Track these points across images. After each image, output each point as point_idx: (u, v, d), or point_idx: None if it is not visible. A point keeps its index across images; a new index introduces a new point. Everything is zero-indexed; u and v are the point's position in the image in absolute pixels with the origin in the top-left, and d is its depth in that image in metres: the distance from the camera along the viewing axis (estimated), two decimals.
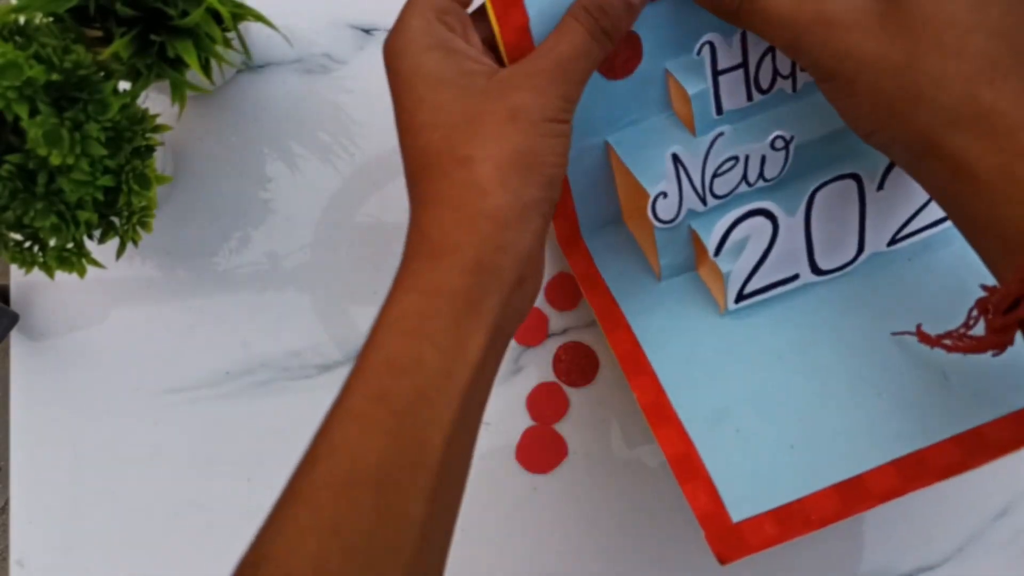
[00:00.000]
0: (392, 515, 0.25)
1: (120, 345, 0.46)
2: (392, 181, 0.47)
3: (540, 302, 0.45)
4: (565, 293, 0.45)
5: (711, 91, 0.35)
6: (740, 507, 0.32)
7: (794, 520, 0.32)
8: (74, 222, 0.36)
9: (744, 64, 0.34)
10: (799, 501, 0.32)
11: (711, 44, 0.33)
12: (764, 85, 0.35)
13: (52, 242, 0.37)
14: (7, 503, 0.47)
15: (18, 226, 0.36)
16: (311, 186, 0.47)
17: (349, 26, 0.49)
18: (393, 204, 0.47)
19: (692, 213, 0.37)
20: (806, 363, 0.36)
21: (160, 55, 0.38)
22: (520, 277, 0.28)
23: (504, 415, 0.44)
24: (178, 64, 0.39)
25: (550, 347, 0.45)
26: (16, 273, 0.46)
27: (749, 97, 0.35)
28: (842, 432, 0.34)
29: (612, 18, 0.30)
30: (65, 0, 0.36)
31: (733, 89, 0.35)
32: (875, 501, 0.32)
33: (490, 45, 0.32)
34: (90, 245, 0.39)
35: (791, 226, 0.35)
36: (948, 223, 0.38)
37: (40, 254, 0.38)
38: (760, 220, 0.35)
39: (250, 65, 0.48)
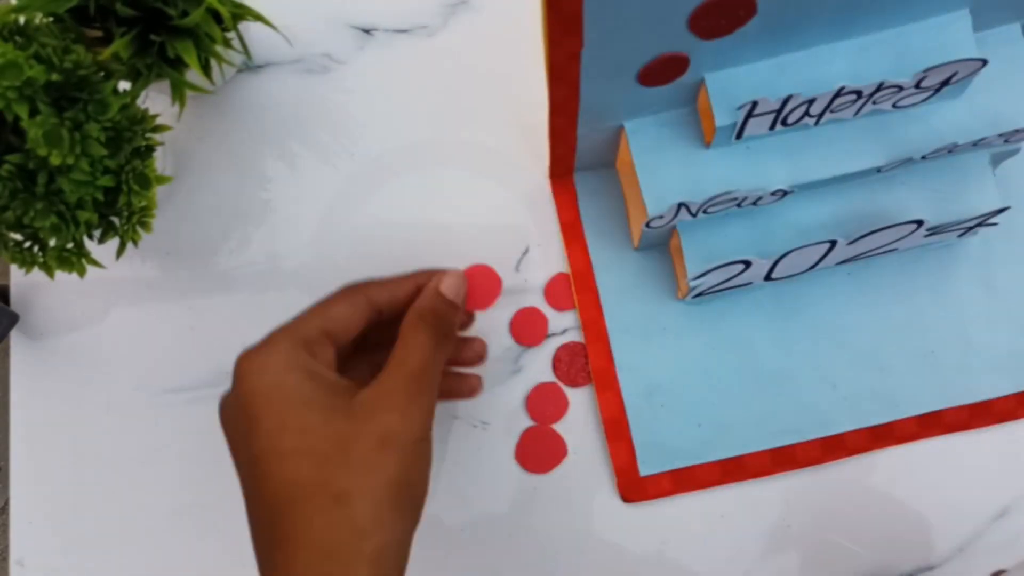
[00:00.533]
0: None
1: (120, 345, 0.46)
2: (392, 181, 0.47)
3: (540, 302, 0.45)
4: (565, 293, 0.45)
5: (738, 125, 0.35)
6: (648, 465, 0.42)
7: (685, 481, 0.42)
8: (74, 222, 0.36)
9: (778, 111, 0.35)
10: (691, 468, 0.42)
11: (753, 102, 0.34)
12: (790, 122, 0.36)
13: (52, 242, 0.37)
14: (7, 503, 0.47)
15: (18, 226, 0.36)
16: (311, 186, 0.47)
17: (349, 26, 0.49)
18: (393, 204, 0.47)
19: (681, 222, 0.39)
20: (731, 358, 0.43)
21: (160, 55, 0.38)
22: None
23: (504, 415, 0.44)
24: (178, 64, 0.39)
25: (550, 347, 0.45)
26: (16, 273, 0.46)
27: (771, 128, 0.36)
28: (740, 420, 0.43)
29: (445, 322, 0.31)
30: (65, 0, 0.36)
31: (759, 124, 0.36)
32: (747, 476, 0.42)
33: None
34: (90, 245, 0.39)
35: (760, 265, 0.39)
36: (892, 247, 0.41)
37: (40, 254, 0.38)
38: (738, 266, 0.39)
39: (250, 65, 0.48)
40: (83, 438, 0.45)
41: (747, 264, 0.38)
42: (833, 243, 0.38)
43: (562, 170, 0.45)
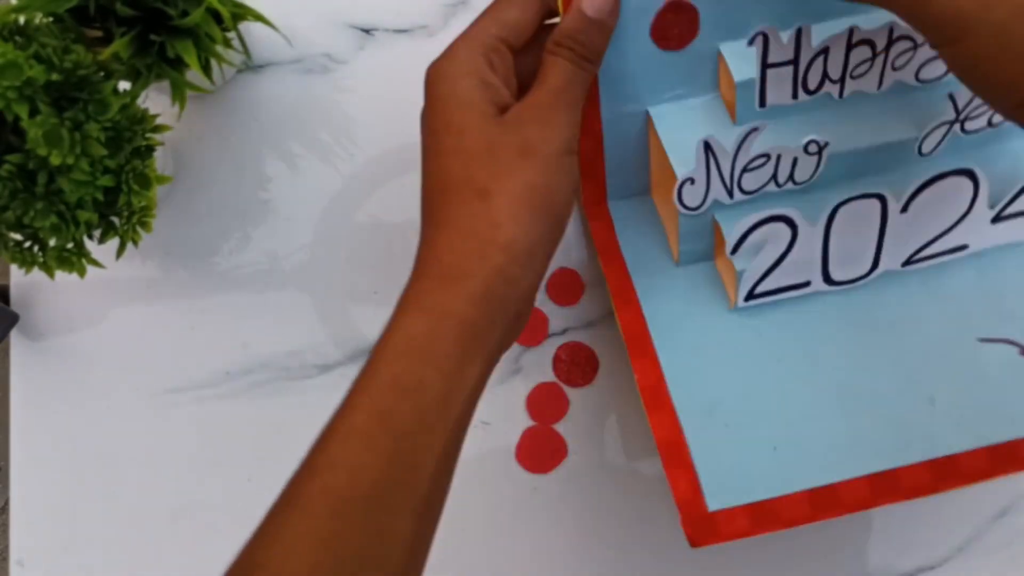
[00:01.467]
0: (383, 533, 0.26)
1: (120, 345, 0.46)
2: (392, 181, 0.47)
3: (541, 300, 0.45)
4: (566, 288, 0.45)
5: (757, 82, 0.35)
6: (717, 497, 0.34)
7: (766, 518, 0.34)
8: (74, 222, 0.36)
9: (795, 62, 0.34)
10: (773, 500, 0.34)
11: (764, 35, 0.33)
12: (811, 86, 0.35)
13: (52, 242, 0.37)
14: (7, 503, 0.47)
15: (18, 226, 0.36)
16: (311, 186, 0.47)
17: (349, 26, 0.49)
18: (393, 204, 0.47)
19: (718, 204, 0.37)
20: (802, 371, 0.37)
21: (160, 55, 0.38)
22: (518, 312, 0.29)
23: (504, 415, 0.44)
24: (178, 64, 0.39)
25: (550, 347, 0.45)
26: (16, 273, 0.46)
27: (794, 95, 0.36)
28: (824, 441, 0.35)
29: (587, 45, 0.32)
30: (65, 0, 0.36)
31: (780, 85, 0.35)
32: (844, 510, 0.33)
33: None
34: (90, 245, 0.39)
35: (810, 235, 0.36)
36: (966, 250, 0.38)
37: (40, 254, 0.38)
38: (781, 226, 0.35)
39: (250, 65, 0.48)
40: (83, 438, 0.45)
41: (792, 228, 0.35)
42: (883, 200, 0.35)
43: (594, 188, 0.42)
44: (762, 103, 0.35)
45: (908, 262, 0.38)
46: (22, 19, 0.35)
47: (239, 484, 0.44)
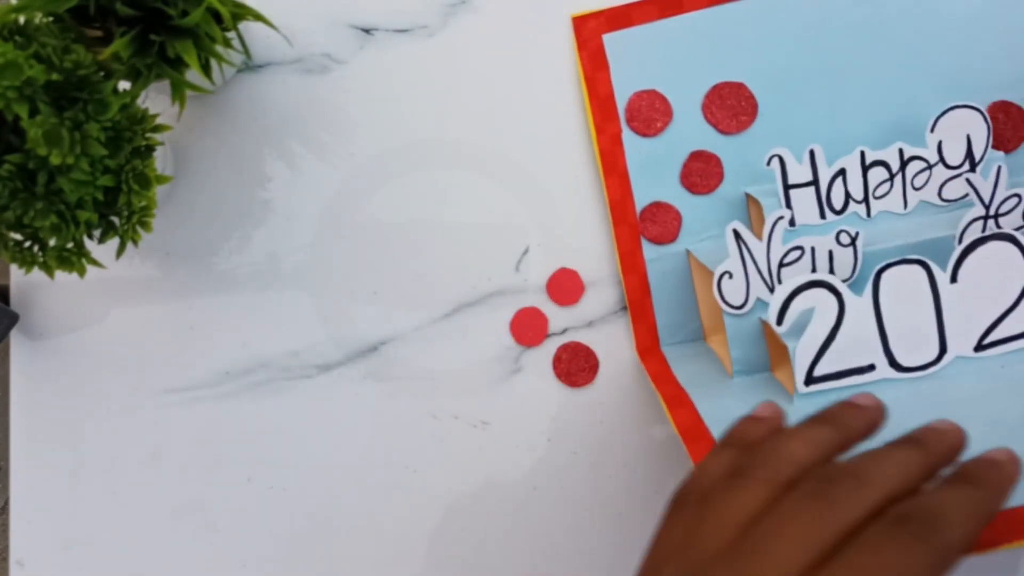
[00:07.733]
0: None
1: (120, 345, 0.46)
2: (392, 181, 0.47)
3: (541, 299, 0.45)
4: (566, 288, 0.45)
5: (782, 199, 0.37)
6: None
7: None
8: (74, 222, 0.36)
9: (815, 182, 0.36)
10: None
11: (780, 157, 0.36)
12: (837, 206, 0.36)
13: (52, 242, 0.37)
14: (7, 503, 0.47)
15: (18, 226, 0.36)
16: (311, 186, 0.47)
17: (349, 26, 0.49)
18: (393, 204, 0.47)
19: (762, 304, 0.37)
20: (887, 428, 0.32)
21: (160, 55, 0.38)
22: None
23: (504, 415, 0.44)
24: (178, 64, 0.39)
25: (550, 347, 0.45)
26: (16, 273, 0.46)
27: (822, 215, 0.37)
28: None
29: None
30: (65, 0, 0.36)
31: (805, 205, 0.36)
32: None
33: None
34: (90, 245, 0.39)
35: (859, 307, 0.34)
36: None
37: (40, 254, 0.38)
38: (823, 293, 0.34)
39: (250, 65, 0.48)
40: (83, 438, 0.45)
41: (838, 297, 0.34)
42: (927, 268, 0.33)
43: (646, 332, 0.43)
44: (791, 223, 0.37)
45: (981, 347, 0.35)
46: (22, 19, 0.35)
47: (239, 484, 0.44)
